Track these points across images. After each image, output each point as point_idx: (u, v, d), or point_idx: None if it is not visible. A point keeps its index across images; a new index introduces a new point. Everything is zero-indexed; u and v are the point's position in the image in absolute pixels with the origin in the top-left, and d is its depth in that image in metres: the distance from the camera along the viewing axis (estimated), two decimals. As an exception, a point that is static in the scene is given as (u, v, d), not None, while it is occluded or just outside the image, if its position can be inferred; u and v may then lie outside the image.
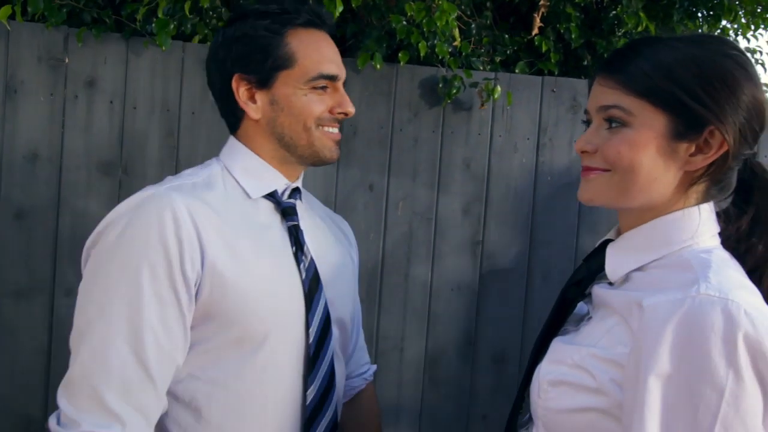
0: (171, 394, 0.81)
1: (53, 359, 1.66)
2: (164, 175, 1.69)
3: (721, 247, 0.71)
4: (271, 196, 0.89)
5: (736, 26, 2.37)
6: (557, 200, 1.91)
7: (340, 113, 0.88)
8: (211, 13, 1.72)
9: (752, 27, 2.32)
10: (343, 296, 0.94)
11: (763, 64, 2.64)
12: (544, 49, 1.90)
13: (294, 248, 0.87)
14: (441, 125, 1.83)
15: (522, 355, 1.92)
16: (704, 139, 0.67)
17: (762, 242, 0.73)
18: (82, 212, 1.66)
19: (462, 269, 1.86)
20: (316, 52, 0.86)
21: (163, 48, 1.60)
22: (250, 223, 0.85)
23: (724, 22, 2.31)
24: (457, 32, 1.70)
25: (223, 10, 1.72)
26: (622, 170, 0.68)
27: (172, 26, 1.59)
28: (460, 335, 1.89)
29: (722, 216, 0.74)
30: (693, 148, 0.68)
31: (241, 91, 0.86)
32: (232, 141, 0.92)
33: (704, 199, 0.71)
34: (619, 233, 0.77)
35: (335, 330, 0.90)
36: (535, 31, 1.89)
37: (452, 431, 1.90)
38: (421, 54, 1.68)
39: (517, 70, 1.92)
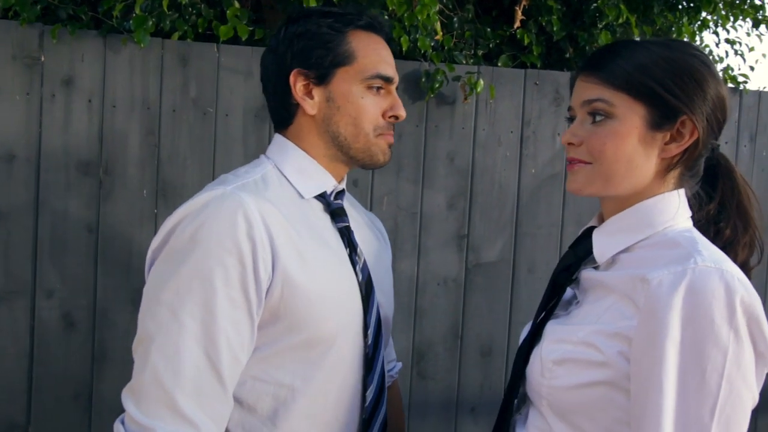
0: (234, 398, 0.80)
1: (36, 363, 1.64)
2: (146, 173, 1.67)
3: (695, 228, 0.78)
4: (322, 197, 0.88)
5: (715, 17, 2.40)
6: (541, 192, 1.92)
7: (392, 116, 0.88)
8: (190, 9, 1.69)
9: (731, 18, 2.35)
10: (388, 296, 0.96)
11: (742, 55, 2.67)
12: (526, 42, 1.90)
13: (348, 250, 0.88)
14: (424, 119, 1.83)
15: (509, 348, 1.93)
16: (677, 129, 0.74)
17: (729, 226, 0.80)
18: (62, 213, 1.63)
19: (448, 263, 1.87)
20: (374, 52, 0.87)
21: (142, 45, 1.57)
22: (309, 223, 0.85)
23: (704, 14, 2.33)
24: (438, 26, 1.69)
25: (202, 6, 1.70)
26: (607, 161, 0.74)
27: (150, 23, 1.57)
28: (446, 329, 1.89)
29: (692, 202, 0.80)
30: (668, 137, 0.74)
31: (298, 86, 0.85)
32: (280, 139, 0.90)
33: (679, 184, 0.78)
34: (601, 220, 0.82)
35: (383, 328, 0.91)
36: (517, 24, 1.89)
37: (441, 424, 1.91)
38: (404, 48, 1.67)
39: (499, 64, 1.92)
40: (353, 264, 0.87)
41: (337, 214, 0.89)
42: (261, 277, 0.76)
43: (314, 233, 0.84)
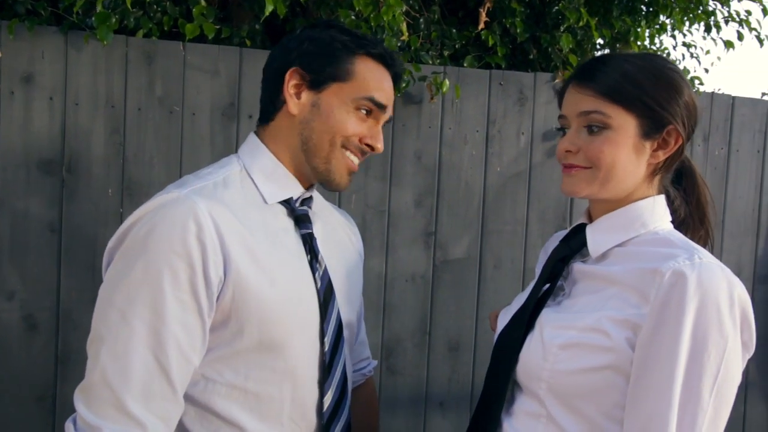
0: (187, 398, 0.81)
1: (-4, 366, 1.60)
2: (111, 172, 1.65)
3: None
4: (287, 203, 0.89)
5: (672, 21, 2.49)
6: (507, 190, 1.97)
7: (368, 145, 0.89)
8: (155, 6, 1.68)
9: (686, 22, 2.44)
10: (352, 299, 0.96)
11: (697, 58, 2.78)
12: (490, 43, 1.94)
13: (309, 257, 0.88)
14: (392, 118, 1.85)
15: (476, 343, 1.97)
16: (663, 137, 0.82)
17: (687, 219, 0.89)
18: (23, 213, 1.60)
19: (415, 260, 1.90)
20: (374, 80, 0.88)
21: (105, 42, 1.55)
22: (268, 228, 0.85)
23: (662, 18, 2.42)
24: (404, 27, 1.72)
25: (168, 4, 1.69)
26: (605, 167, 0.81)
27: (113, 20, 1.55)
28: (415, 325, 1.92)
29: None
30: (656, 145, 0.82)
31: (291, 83, 0.87)
32: (253, 140, 0.91)
33: (661, 187, 0.87)
34: (589, 217, 0.90)
35: (345, 332, 0.92)
36: (482, 25, 1.93)
37: (410, 418, 1.94)
38: (371, 48, 1.69)
39: (465, 64, 1.96)
40: (313, 271, 0.87)
41: (301, 220, 0.89)
42: (212, 280, 0.77)
43: (272, 238, 0.84)
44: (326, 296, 0.88)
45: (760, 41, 2.38)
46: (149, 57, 1.66)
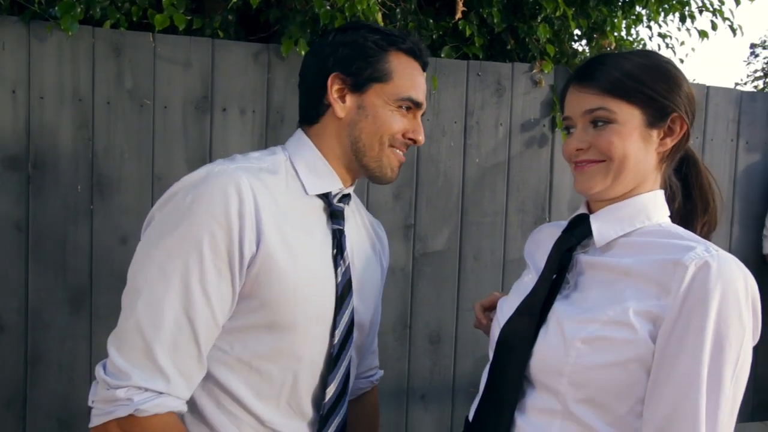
0: None
1: (-37, 370, 1.55)
2: (80, 168, 1.60)
3: None
4: (324, 196, 0.93)
5: (648, 11, 2.50)
6: (485, 181, 1.96)
7: (410, 139, 0.94)
8: (122, -4, 1.62)
9: (662, 13, 2.46)
10: (368, 304, 0.99)
11: (672, 48, 2.80)
12: (468, 33, 1.93)
13: (334, 251, 0.91)
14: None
15: (457, 335, 1.97)
16: (668, 125, 0.85)
17: (691, 206, 0.92)
18: (-12, 211, 1.54)
19: (395, 253, 1.88)
20: (410, 78, 0.93)
21: (70, 33, 1.50)
22: (302, 216, 0.89)
23: (638, 9, 2.43)
24: (380, 17, 1.69)
25: (136, -8, 1.63)
26: (617, 158, 0.83)
27: (78, 10, 1.50)
28: (396, 318, 1.91)
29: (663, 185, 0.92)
30: (662, 134, 0.85)
31: (334, 88, 0.92)
32: (300, 135, 0.96)
33: (665, 177, 0.89)
34: (589, 209, 0.91)
35: (355, 333, 0.94)
36: (459, 15, 1.92)
37: (392, 411, 1.93)
38: (346, 39, 1.66)
39: (442, 55, 1.94)
40: (336, 265, 0.90)
41: (335, 216, 0.93)
42: (245, 253, 0.81)
43: (304, 226, 0.89)
44: (344, 291, 0.91)
45: (734, 31, 2.41)
46: (117, 48, 1.61)
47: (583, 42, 2.39)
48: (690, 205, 0.92)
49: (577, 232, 0.88)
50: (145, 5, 1.64)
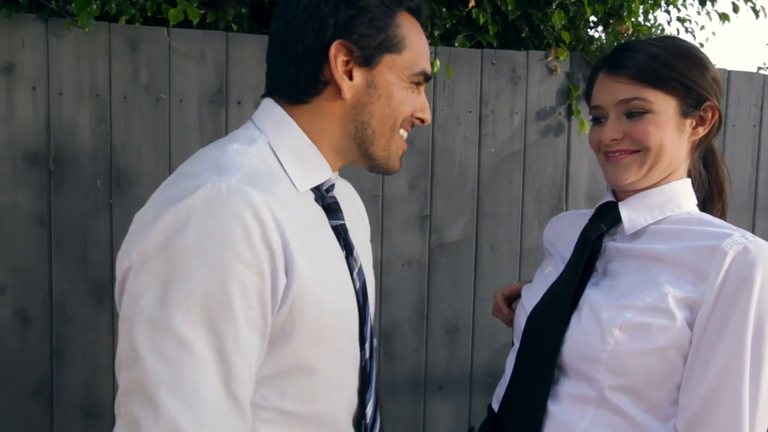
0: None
1: (-9, 361, 1.59)
2: (99, 163, 1.62)
3: None
4: (316, 189, 0.77)
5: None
6: (501, 171, 1.95)
7: (418, 118, 0.79)
8: (137, -9, 1.64)
9: (681, -4, 2.41)
10: (372, 297, 0.85)
11: (692, 33, 2.74)
12: (481, 21, 1.91)
13: (345, 252, 0.77)
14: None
15: (474, 325, 1.97)
16: (700, 114, 0.85)
17: (720, 201, 0.93)
18: (10, 206, 1.57)
19: (411, 244, 1.88)
20: (422, 44, 0.77)
21: (86, 29, 1.52)
22: (312, 221, 0.73)
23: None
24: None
25: (150, -12, 1.64)
26: (654, 148, 0.82)
27: (94, 6, 1.51)
28: (412, 309, 1.91)
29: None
30: (694, 122, 0.85)
31: (339, 60, 0.71)
32: (281, 114, 0.75)
33: (692, 165, 0.89)
34: (616, 196, 0.90)
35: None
36: (472, 3, 1.90)
37: (409, 403, 1.94)
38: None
39: (456, 44, 1.93)
40: (350, 269, 0.77)
41: (331, 209, 0.77)
42: (278, 289, 0.65)
43: (315, 232, 0.73)
44: (363, 297, 0.78)
45: (756, 13, 2.35)
46: (133, 44, 1.62)
47: (599, 28, 2.35)
48: (709, 190, 0.93)
49: (606, 219, 0.87)
50: (159, 0, 1.65)
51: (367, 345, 0.78)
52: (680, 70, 0.82)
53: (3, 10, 1.48)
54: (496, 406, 0.91)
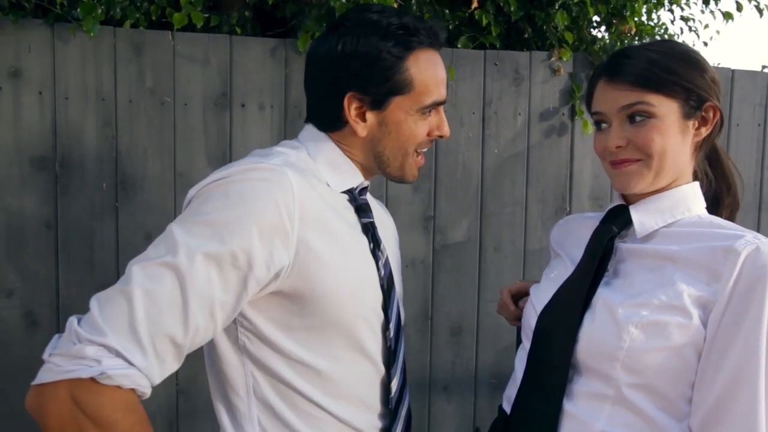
0: (263, 369, 0.82)
1: (-1, 364, 1.60)
2: (105, 166, 1.64)
3: None
4: (348, 191, 0.90)
5: (669, -5, 2.45)
6: (505, 172, 1.95)
7: (437, 135, 0.90)
8: (142, -4, 1.65)
9: (684, -5, 2.40)
10: (399, 292, 0.97)
11: (696, 32, 2.74)
12: (484, 22, 1.91)
13: (372, 245, 0.89)
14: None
15: (479, 326, 1.97)
16: (701, 115, 0.85)
17: (729, 196, 0.93)
18: (17, 210, 1.59)
19: (415, 245, 1.88)
20: (432, 78, 0.86)
21: (92, 34, 1.53)
22: (337, 212, 0.86)
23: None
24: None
25: (155, -8, 1.66)
26: (657, 154, 0.83)
27: (99, 11, 1.52)
28: (417, 310, 1.92)
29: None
30: (697, 123, 0.86)
31: (352, 108, 0.85)
32: (315, 133, 0.90)
33: (697, 166, 0.90)
34: (625, 199, 0.91)
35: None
36: (475, 4, 1.90)
37: (414, 403, 1.94)
38: (362, 31, 1.66)
39: (459, 45, 1.93)
40: (376, 259, 0.88)
41: (362, 209, 0.90)
42: (278, 253, 0.75)
43: (343, 222, 0.85)
44: (389, 284, 0.89)
45: (760, 11, 2.34)
46: (138, 48, 1.64)
47: (602, 28, 2.35)
48: (716, 187, 0.93)
49: (618, 222, 0.88)
50: (164, 4, 1.67)
51: (392, 325, 0.88)
52: (679, 73, 0.83)
53: (10, 15, 1.50)
54: (507, 407, 0.92)
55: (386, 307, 0.88)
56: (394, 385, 0.89)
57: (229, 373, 0.84)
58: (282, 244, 0.76)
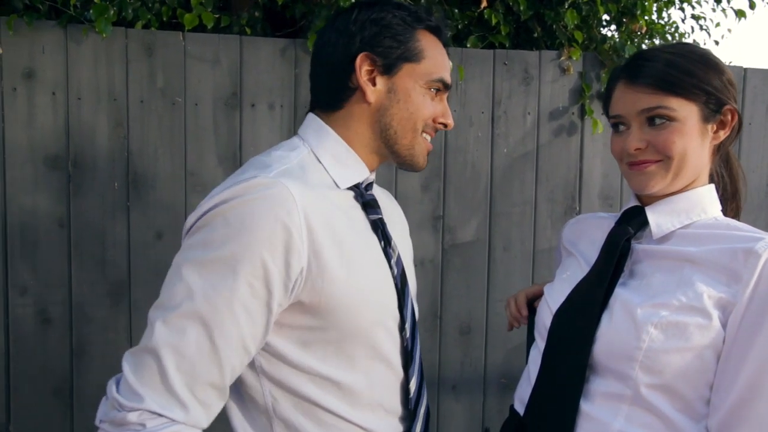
0: (282, 387, 0.81)
1: (12, 361, 1.62)
2: (116, 166, 1.65)
3: None
4: (355, 187, 0.87)
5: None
6: (514, 171, 1.95)
7: (441, 123, 0.89)
8: (153, -4, 1.66)
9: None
10: (413, 287, 0.95)
11: (707, 30, 2.72)
12: (493, 22, 1.91)
13: (382, 243, 0.87)
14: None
15: (487, 326, 1.97)
16: (720, 118, 0.86)
17: (734, 201, 0.94)
18: (31, 209, 1.61)
19: (424, 244, 1.89)
20: (440, 57, 0.88)
21: (104, 35, 1.54)
22: (346, 214, 0.83)
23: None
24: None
25: (166, -7, 1.67)
26: (677, 157, 0.83)
27: (111, 12, 1.54)
28: (426, 309, 1.92)
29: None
30: (715, 127, 0.86)
31: (363, 70, 0.84)
32: (317, 123, 0.88)
33: (714, 169, 0.90)
34: (640, 200, 0.91)
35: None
36: (484, 4, 1.90)
37: (423, 403, 1.94)
38: (372, 31, 1.67)
39: (468, 45, 1.93)
40: (387, 257, 0.87)
41: (370, 205, 0.88)
42: (293, 270, 0.74)
43: (351, 224, 0.83)
44: (402, 282, 0.88)
45: (772, 10, 2.32)
46: (149, 48, 1.65)
47: (612, 27, 2.34)
48: (728, 191, 0.93)
49: (633, 223, 0.88)
50: (175, 5, 1.68)
51: (408, 325, 0.87)
52: (699, 76, 0.83)
53: (24, 17, 1.52)
54: (519, 407, 0.91)
55: (401, 306, 0.87)
56: (413, 385, 0.89)
57: (246, 394, 0.83)
58: (295, 260, 0.74)
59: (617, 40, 2.07)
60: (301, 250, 0.74)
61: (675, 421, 0.77)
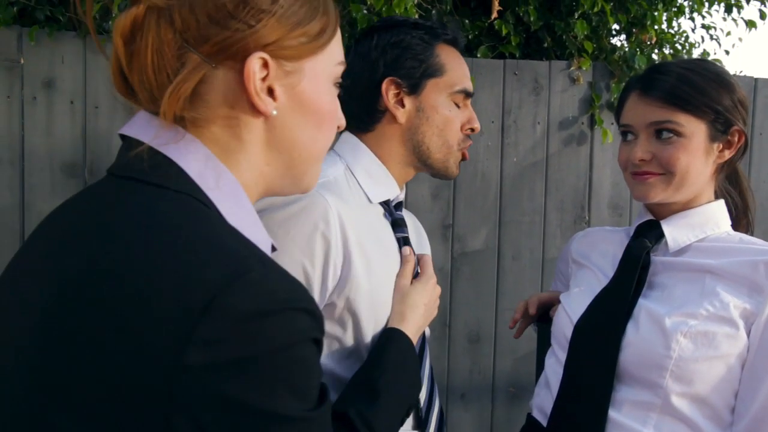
0: None
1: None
2: (131, 173, 1.68)
3: None
4: (385, 204, 0.92)
5: (690, 3, 2.44)
6: (524, 180, 1.96)
7: (469, 128, 0.93)
8: (169, 8, 1.70)
9: (705, 3, 2.39)
10: None
11: (717, 40, 2.72)
12: (504, 32, 1.93)
13: None
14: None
15: (496, 334, 1.97)
16: (727, 138, 0.87)
17: (745, 218, 0.95)
18: (49, 215, 1.64)
19: (434, 253, 1.89)
20: (460, 67, 0.92)
21: (122, 45, 1.58)
22: (375, 230, 0.87)
23: (680, 0, 2.37)
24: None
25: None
26: (680, 173, 0.85)
27: (129, 23, 1.57)
28: (435, 317, 1.92)
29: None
30: (721, 146, 0.88)
31: (390, 94, 0.88)
32: (355, 142, 0.92)
33: (719, 185, 0.92)
34: (651, 214, 0.93)
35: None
36: (495, 15, 1.92)
37: (432, 411, 1.95)
38: (383, 42, 1.69)
39: (479, 55, 1.95)
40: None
41: (397, 224, 0.92)
42: (328, 280, 0.78)
43: (379, 240, 0.87)
44: None
45: (783, 20, 2.32)
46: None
47: (622, 37, 2.35)
48: (736, 207, 0.95)
49: (651, 236, 0.90)
50: (191, 16, 1.71)
51: (417, 341, 0.89)
52: (710, 94, 0.84)
53: (46, 29, 1.56)
54: (538, 416, 0.92)
55: None
56: (422, 396, 0.90)
57: None
58: (331, 269, 0.78)
59: (627, 50, 2.08)
60: (337, 259, 0.78)
61: (703, 428, 0.78)
